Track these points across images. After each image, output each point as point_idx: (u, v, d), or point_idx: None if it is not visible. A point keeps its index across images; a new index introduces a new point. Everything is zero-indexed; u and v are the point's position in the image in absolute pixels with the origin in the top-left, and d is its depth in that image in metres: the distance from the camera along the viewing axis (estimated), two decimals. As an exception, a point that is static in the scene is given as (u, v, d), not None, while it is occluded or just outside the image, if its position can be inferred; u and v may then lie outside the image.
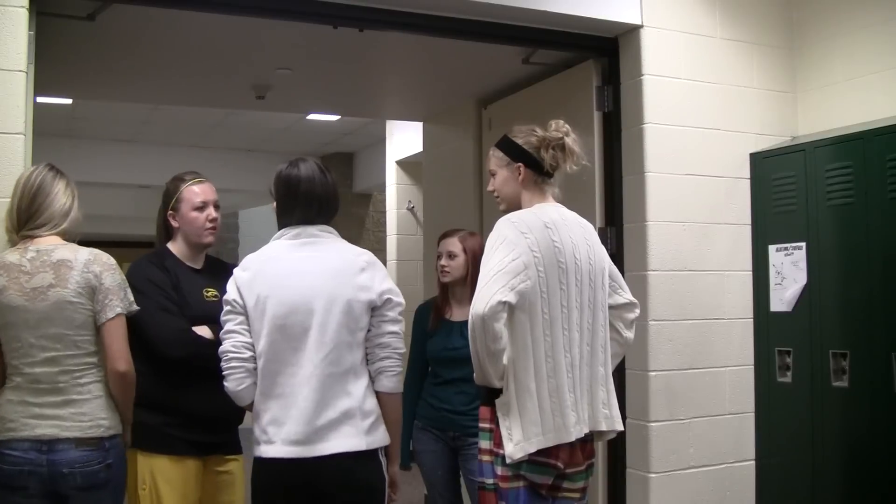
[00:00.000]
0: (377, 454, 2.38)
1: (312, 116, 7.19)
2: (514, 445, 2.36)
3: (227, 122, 7.58)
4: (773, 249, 3.72)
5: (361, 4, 3.35)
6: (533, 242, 2.40)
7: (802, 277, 3.58)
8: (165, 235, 2.89)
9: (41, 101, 3.75)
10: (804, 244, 3.58)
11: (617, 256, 3.65)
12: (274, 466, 2.32)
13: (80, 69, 4.39)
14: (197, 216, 2.83)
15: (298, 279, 2.37)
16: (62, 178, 2.55)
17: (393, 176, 7.25)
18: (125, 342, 2.46)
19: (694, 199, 3.71)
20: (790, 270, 3.64)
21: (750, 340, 3.80)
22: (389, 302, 2.42)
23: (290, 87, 4.86)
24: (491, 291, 2.32)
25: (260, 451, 2.35)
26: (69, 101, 6.24)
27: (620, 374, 3.47)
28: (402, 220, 7.23)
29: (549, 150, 2.53)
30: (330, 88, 5.07)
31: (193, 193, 2.84)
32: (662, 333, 3.60)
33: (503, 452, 2.38)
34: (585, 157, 2.59)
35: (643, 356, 3.56)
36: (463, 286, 3.34)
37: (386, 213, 7.59)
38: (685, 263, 3.67)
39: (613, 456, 3.72)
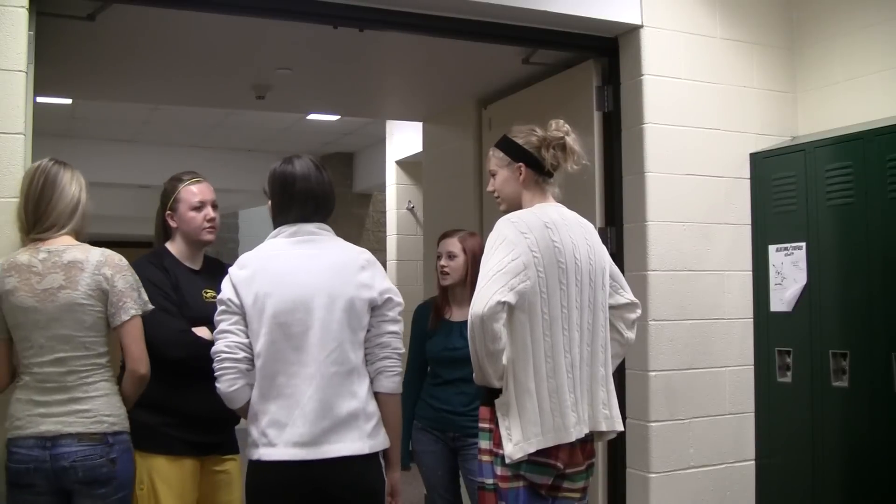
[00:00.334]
0: (378, 457, 2.36)
1: (312, 116, 7.19)
2: (513, 446, 2.36)
3: (227, 122, 7.57)
4: (773, 249, 3.72)
5: (361, 4, 3.35)
6: (533, 242, 2.40)
7: (802, 277, 3.58)
8: (164, 236, 2.89)
9: (41, 101, 3.75)
10: (804, 244, 3.58)
11: (617, 256, 3.65)
12: (276, 469, 2.26)
13: (80, 69, 4.39)
14: (195, 216, 2.82)
15: (299, 277, 2.33)
16: (66, 171, 2.51)
17: (393, 176, 7.25)
18: (142, 344, 2.46)
19: (694, 199, 3.71)
20: (790, 270, 3.64)
21: (750, 340, 3.80)
22: (390, 301, 2.39)
23: (290, 87, 4.86)
24: (490, 291, 2.31)
25: (259, 453, 2.27)
26: (69, 101, 6.24)
27: (620, 374, 3.46)
28: (402, 220, 7.23)
29: (549, 149, 2.53)
30: (330, 88, 5.07)
31: (191, 193, 2.84)
32: (662, 333, 3.60)
33: (503, 452, 2.38)
34: (586, 156, 2.59)
35: (643, 356, 3.56)
36: (463, 286, 3.34)
37: (386, 213, 7.59)
38: (685, 263, 3.67)
39: (613, 456, 3.72)
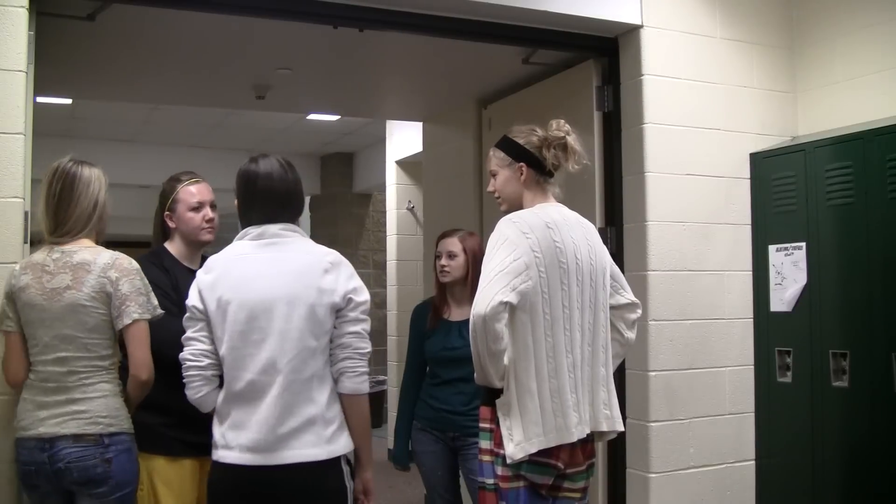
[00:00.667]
0: (339, 462, 2.32)
1: (312, 116, 7.19)
2: (514, 446, 2.36)
3: (227, 122, 7.57)
4: (773, 249, 3.72)
5: (361, 4, 3.35)
6: (534, 242, 2.40)
7: (802, 277, 3.58)
8: (162, 236, 2.89)
9: (41, 101, 3.75)
10: (804, 244, 3.58)
11: (617, 256, 3.65)
12: (233, 472, 2.28)
13: (80, 69, 4.39)
14: (193, 216, 2.82)
15: (259, 283, 2.30)
16: (84, 171, 2.50)
17: (393, 176, 7.26)
18: (146, 349, 2.45)
19: (694, 199, 3.71)
20: (790, 270, 3.64)
21: (750, 340, 3.80)
22: (351, 302, 2.34)
23: (290, 87, 4.86)
24: (492, 291, 2.31)
25: (218, 455, 2.30)
26: (69, 101, 6.25)
27: (621, 374, 3.46)
28: (402, 220, 7.23)
29: (550, 149, 2.53)
30: (330, 88, 5.07)
31: (189, 194, 2.84)
32: (662, 333, 3.60)
33: (504, 452, 2.37)
34: (586, 156, 2.59)
35: (643, 356, 3.56)
36: (462, 286, 3.33)
37: (386, 213, 7.59)
38: (685, 263, 3.67)
39: (613, 456, 3.72)
